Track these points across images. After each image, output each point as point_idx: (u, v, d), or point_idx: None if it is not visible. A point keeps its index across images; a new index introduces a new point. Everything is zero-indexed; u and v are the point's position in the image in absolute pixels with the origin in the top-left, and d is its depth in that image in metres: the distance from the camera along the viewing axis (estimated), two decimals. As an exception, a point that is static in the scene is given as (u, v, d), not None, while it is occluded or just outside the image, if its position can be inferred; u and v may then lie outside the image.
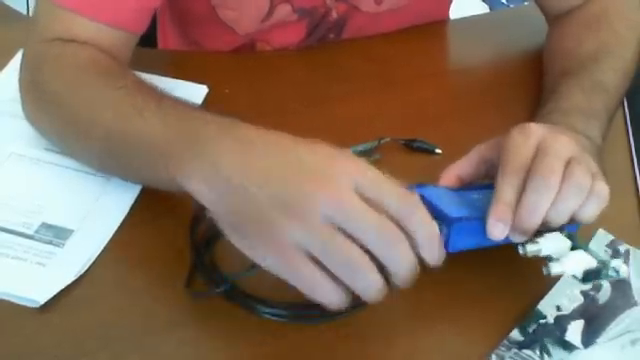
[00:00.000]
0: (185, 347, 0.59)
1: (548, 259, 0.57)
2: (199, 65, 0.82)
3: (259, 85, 0.80)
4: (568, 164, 0.57)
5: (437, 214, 0.57)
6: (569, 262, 0.57)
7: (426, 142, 0.73)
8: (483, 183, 0.64)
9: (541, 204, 0.56)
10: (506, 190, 0.57)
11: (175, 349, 0.59)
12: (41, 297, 0.60)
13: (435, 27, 0.99)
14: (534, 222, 0.56)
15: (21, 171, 0.70)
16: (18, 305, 0.60)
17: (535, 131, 0.59)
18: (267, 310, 0.59)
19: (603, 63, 0.76)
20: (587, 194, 0.57)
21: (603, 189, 0.58)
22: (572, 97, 0.72)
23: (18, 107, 0.73)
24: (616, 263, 0.58)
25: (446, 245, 0.57)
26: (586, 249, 0.59)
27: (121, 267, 0.64)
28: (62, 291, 0.61)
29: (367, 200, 0.50)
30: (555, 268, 0.57)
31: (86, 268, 0.63)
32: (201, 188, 0.54)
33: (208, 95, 0.78)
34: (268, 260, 0.51)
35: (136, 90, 0.64)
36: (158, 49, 0.96)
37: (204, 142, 0.55)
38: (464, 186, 0.64)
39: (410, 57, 0.85)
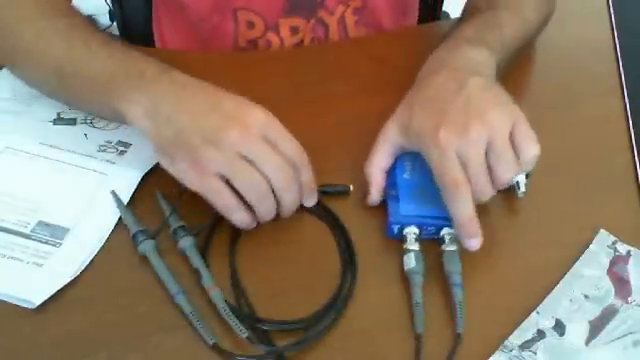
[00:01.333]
0: (185, 348, 0.59)
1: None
2: (199, 65, 0.82)
3: (259, 85, 0.80)
4: (490, 146, 0.63)
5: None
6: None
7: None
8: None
9: (486, 197, 0.64)
10: (464, 208, 0.62)
11: (175, 350, 0.58)
12: (37, 298, 0.60)
13: (435, 26, 0.99)
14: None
15: (16, 166, 0.70)
16: (16, 306, 0.61)
17: (447, 142, 0.62)
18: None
19: (500, 10, 0.79)
20: (517, 165, 0.64)
21: (529, 153, 0.64)
22: (463, 31, 0.75)
23: (12, 104, 0.73)
24: None
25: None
26: None
27: (119, 267, 0.64)
28: (60, 291, 0.61)
29: (269, 142, 0.62)
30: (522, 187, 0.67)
31: (82, 268, 0.63)
32: (141, 119, 0.64)
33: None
34: (190, 179, 0.62)
35: (84, 25, 0.72)
36: (158, 49, 0.96)
37: (146, 80, 0.65)
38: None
39: (410, 57, 0.84)
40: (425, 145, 0.64)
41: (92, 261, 0.63)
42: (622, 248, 0.65)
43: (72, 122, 0.74)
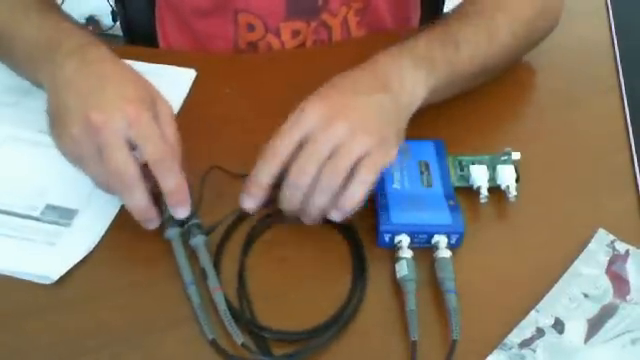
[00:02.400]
0: (186, 346, 0.59)
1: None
2: (200, 65, 0.82)
3: (260, 85, 0.81)
4: (330, 158, 0.61)
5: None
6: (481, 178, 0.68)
7: None
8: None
9: (294, 199, 0.62)
10: (262, 175, 0.63)
11: (176, 348, 0.59)
12: (54, 273, 0.62)
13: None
14: (293, 209, 0.63)
15: (18, 154, 0.72)
16: (18, 304, 0.61)
17: (309, 118, 0.62)
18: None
19: (468, 25, 0.72)
20: (336, 194, 0.61)
21: (354, 192, 0.61)
22: (417, 42, 0.70)
23: (5, 96, 0.75)
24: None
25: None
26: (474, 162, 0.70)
27: (121, 266, 0.64)
28: (62, 290, 0.62)
29: (129, 140, 0.60)
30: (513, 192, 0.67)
31: (95, 245, 0.64)
32: (46, 88, 0.66)
33: (209, 95, 0.79)
34: (62, 144, 0.63)
35: None
36: (160, 49, 0.97)
37: (60, 53, 0.66)
38: None
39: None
40: (294, 111, 0.64)
41: (92, 260, 0.64)
42: (621, 247, 0.65)
43: None
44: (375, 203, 0.67)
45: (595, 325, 0.60)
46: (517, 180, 0.68)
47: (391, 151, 0.63)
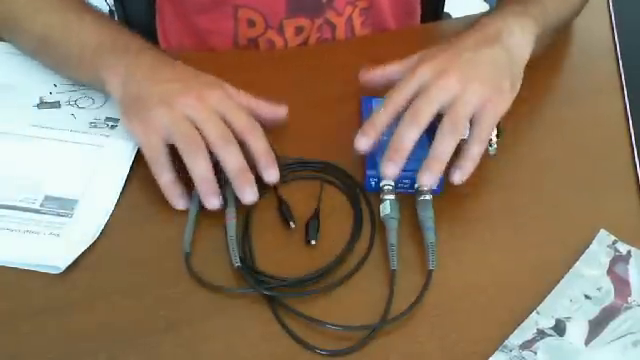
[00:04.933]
0: (184, 347, 0.59)
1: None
2: (200, 64, 0.82)
3: (259, 85, 0.80)
4: (448, 107, 0.65)
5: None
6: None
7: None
8: None
9: (407, 141, 0.65)
10: (378, 119, 0.67)
11: (174, 349, 0.59)
12: (62, 263, 0.62)
13: (435, 26, 0.99)
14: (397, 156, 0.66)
15: (12, 148, 0.72)
16: (16, 306, 0.61)
17: (422, 72, 0.67)
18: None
19: None
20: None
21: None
22: (508, 4, 0.75)
23: None
24: None
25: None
26: None
27: (119, 267, 0.64)
28: (59, 291, 0.62)
29: (219, 113, 0.67)
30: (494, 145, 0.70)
31: (100, 232, 0.65)
32: (117, 88, 0.70)
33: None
34: (137, 133, 0.68)
35: None
36: (161, 49, 0.96)
37: (130, 52, 0.71)
38: None
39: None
40: (418, 60, 0.69)
41: (90, 261, 0.64)
42: (622, 248, 0.64)
43: (57, 105, 0.76)
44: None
45: (596, 327, 0.60)
46: (498, 135, 0.70)
47: (507, 99, 0.67)
